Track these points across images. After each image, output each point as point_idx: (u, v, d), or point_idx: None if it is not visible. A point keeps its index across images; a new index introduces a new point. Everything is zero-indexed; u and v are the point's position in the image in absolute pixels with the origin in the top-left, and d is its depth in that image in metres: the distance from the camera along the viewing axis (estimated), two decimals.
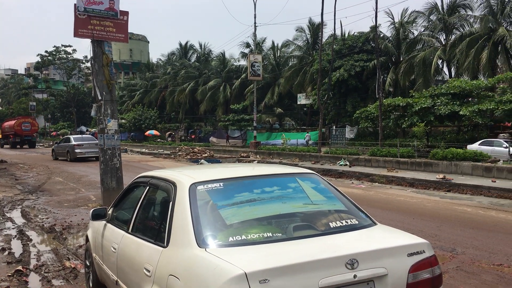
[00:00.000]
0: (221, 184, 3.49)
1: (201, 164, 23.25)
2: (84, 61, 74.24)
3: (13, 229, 9.10)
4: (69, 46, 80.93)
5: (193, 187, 3.39)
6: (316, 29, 42.32)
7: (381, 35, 36.06)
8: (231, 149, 38.31)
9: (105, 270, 4.42)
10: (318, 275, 2.68)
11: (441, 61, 34.00)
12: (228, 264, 2.62)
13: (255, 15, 39.24)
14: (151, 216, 4.01)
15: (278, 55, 49.00)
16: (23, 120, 53.18)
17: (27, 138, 52.43)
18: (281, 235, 3.10)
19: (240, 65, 52.52)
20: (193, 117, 58.20)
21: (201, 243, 2.94)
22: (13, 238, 8.30)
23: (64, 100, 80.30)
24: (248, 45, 48.89)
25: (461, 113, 23.23)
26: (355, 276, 2.76)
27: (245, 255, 2.79)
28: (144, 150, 44.21)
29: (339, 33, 39.03)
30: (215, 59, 58.86)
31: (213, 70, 54.94)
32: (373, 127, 30.21)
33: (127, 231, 4.01)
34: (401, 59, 35.69)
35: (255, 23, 39.32)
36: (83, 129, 69.77)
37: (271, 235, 3.05)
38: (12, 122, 53.60)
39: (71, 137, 31.04)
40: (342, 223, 3.35)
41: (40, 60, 72.80)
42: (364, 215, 3.59)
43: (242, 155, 32.32)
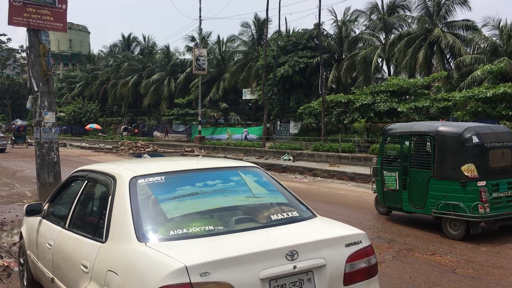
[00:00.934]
0: (163, 177, 3.45)
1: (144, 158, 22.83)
2: (19, 51, 70.37)
3: None
4: (4, 35, 76.38)
5: (134, 180, 3.33)
6: (261, 24, 42.53)
7: (325, 33, 36.81)
8: (176, 144, 37.88)
9: (40, 267, 4.25)
10: (258, 266, 2.71)
11: (381, 59, 35.21)
12: (168, 257, 2.59)
13: (200, 8, 38.99)
14: (89, 211, 3.90)
15: (223, 49, 48.84)
16: None
17: None
18: (223, 228, 3.11)
19: (185, 59, 51.94)
20: (137, 111, 56.98)
21: (141, 237, 2.89)
22: None
23: None
24: (193, 39, 48.40)
25: (399, 110, 24.23)
26: (294, 267, 2.81)
27: (186, 249, 2.78)
28: (84, 144, 42.81)
29: (284, 29, 39.52)
30: (159, 52, 57.85)
31: (157, 63, 53.98)
32: (316, 122, 30.83)
33: (64, 227, 3.87)
34: (344, 56, 36.59)
35: (200, 17, 38.99)
36: (18, 122, 66.47)
37: (212, 228, 3.05)
38: None
39: None
40: (283, 216, 3.40)
41: None
42: (304, 208, 3.66)
43: (186, 149, 32.03)
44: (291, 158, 23.54)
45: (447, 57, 32.94)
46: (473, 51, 31.02)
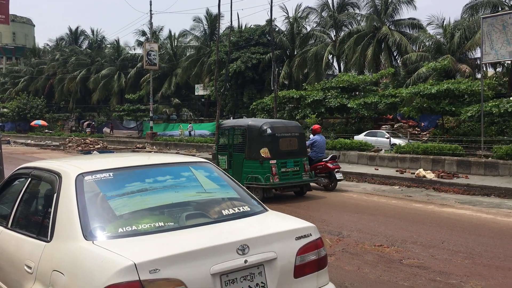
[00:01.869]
0: (111, 174, 3.37)
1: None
2: None
3: None
4: None
5: (80, 177, 3.23)
6: (213, 20, 42.34)
7: (277, 29, 37.10)
8: (127, 140, 37.10)
9: None
10: (209, 262, 2.70)
11: (331, 56, 35.89)
12: (116, 255, 2.54)
13: (150, 2, 38.26)
14: (33, 209, 3.75)
15: (175, 44, 48.25)
16: None
17: None
18: (173, 224, 3.07)
19: (136, 53, 50.97)
20: (85, 107, 55.35)
21: (88, 235, 2.81)
22: None
23: None
24: (144, 33, 47.56)
25: (349, 105, 24.82)
26: (246, 261, 2.83)
27: (135, 246, 2.73)
28: (29, 141, 41.14)
29: (236, 25, 39.49)
30: (109, 46, 56.44)
31: (106, 58, 52.64)
32: (269, 118, 31.04)
33: (6, 227, 3.70)
34: (295, 53, 37.02)
35: (150, 11, 38.41)
36: None
37: (163, 225, 3.01)
38: None
39: None
40: (234, 210, 3.40)
41: None
42: (256, 202, 3.67)
43: (138, 146, 31.44)
44: None
45: (394, 55, 34.02)
46: (419, 48, 32.21)
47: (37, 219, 3.49)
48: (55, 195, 3.19)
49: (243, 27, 40.19)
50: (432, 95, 20.64)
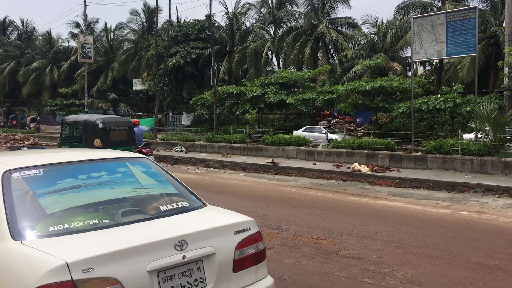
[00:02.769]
0: (41, 170, 3.22)
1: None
2: None
3: None
4: None
5: (7, 174, 3.06)
6: (151, 13, 41.51)
7: (216, 24, 36.95)
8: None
9: None
10: (146, 259, 2.66)
11: (270, 52, 36.26)
12: (47, 255, 2.44)
13: None
14: None
15: (111, 37, 46.83)
16: None
17: None
18: (108, 221, 2.99)
19: (69, 46, 48.95)
20: (14, 101, 52.49)
21: (16, 235, 2.68)
22: None
23: None
24: (78, 25, 45.82)
25: (288, 101, 25.20)
26: (184, 257, 2.80)
27: (67, 245, 2.63)
28: None
29: (175, 19, 39.02)
30: (40, 38, 53.81)
31: (37, 50, 50.16)
32: (209, 114, 30.91)
33: None
34: (235, 48, 37.05)
35: (85, 1, 37.01)
36: None
37: (97, 222, 2.92)
38: None
39: None
40: (172, 206, 3.37)
41: None
42: (194, 197, 3.65)
43: None
44: (184, 149, 23.36)
45: (331, 52, 34.90)
46: (354, 47, 33.25)
47: None
48: None
49: (182, 22, 39.66)
50: (366, 92, 21.37)
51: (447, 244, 6.58)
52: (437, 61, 28.44)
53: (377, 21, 32.44)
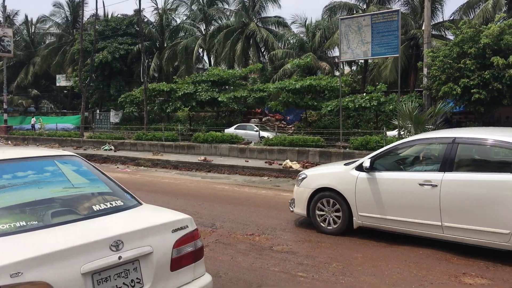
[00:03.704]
0: None
1: None
2: None
3: None
4: None
5: None
6: (76, 6, 39.85)
7: (146, 20, 36.16)
8: None
9: None
10: (80, 261, 2.56)
11: (201, 49, 36.07)
12: None
13: None
14: None
15: (33, 31, 44.36)
16: None
17: None
18: (37, 223, 2.85)
19: None
20: None
21: None
22: None
23: None
24: None
25: (219, 99, 25.17)
26: (120, 257, 2.73)
27: None
28: None
29: (102, 13, 37.66)
30: None
31: None
32: (139, 111, 30.20)
33: None
34: (165, 45, 36.46)
35: None
36: None
37: (25, 224, 2.77)
38: None
39: None
40: (106, 206, 3.27)
41: None
42: (129, 196, 3.57)
43: None
44: (113, 148, 22.66)
45: (262, 51, 35.31)
46: (284, 46, 33.83)
47: None
48: None
49: (110, 16, 38.41)
50: (296, 90, 21.84)
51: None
52: (363, 61, 29.64)
53: (306, 21, 33.26)
